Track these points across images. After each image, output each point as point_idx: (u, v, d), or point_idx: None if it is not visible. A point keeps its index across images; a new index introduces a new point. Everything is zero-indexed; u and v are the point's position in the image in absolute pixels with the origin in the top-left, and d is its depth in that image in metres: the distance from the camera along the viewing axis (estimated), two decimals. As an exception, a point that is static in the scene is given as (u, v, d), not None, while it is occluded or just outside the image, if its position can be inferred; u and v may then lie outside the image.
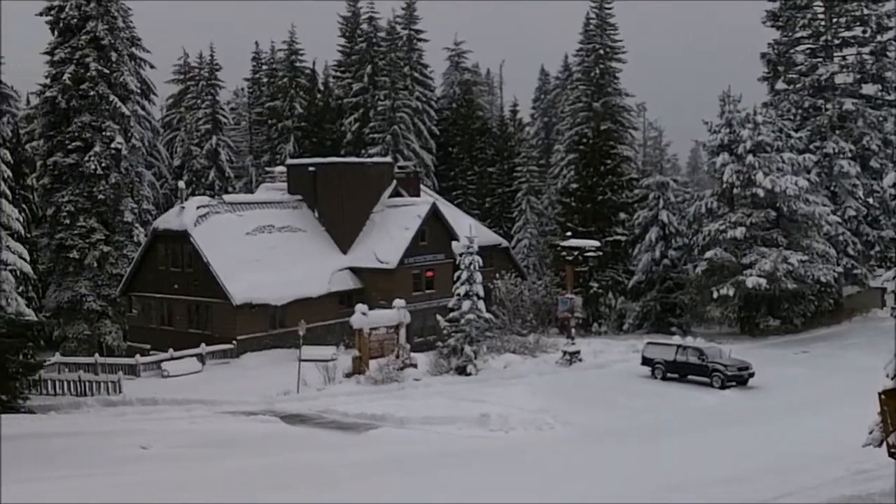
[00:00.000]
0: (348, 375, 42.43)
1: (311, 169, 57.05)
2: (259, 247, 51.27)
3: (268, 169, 69.81)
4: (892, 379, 18.59)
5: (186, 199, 52.69)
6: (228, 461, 26.36)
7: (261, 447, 29.06)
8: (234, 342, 47.56)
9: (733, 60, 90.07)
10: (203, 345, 46.72)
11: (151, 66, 70.68)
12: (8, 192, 35.84)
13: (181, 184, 58.69)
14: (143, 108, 68.48)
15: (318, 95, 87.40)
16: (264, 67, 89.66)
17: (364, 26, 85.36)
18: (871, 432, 20.26)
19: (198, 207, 51.14)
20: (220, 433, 31.62)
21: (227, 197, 56.56)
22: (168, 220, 51.57)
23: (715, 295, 54.20)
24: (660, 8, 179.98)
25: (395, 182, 58.71)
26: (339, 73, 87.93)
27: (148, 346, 49.18)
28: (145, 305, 52.48)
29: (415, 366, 43.38)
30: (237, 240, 50.60)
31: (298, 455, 27.94)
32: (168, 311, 51.35)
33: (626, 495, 22.32)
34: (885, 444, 15.73)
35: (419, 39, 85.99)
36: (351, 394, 39.11)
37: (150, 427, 32.29)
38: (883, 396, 15.53)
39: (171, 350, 45.80)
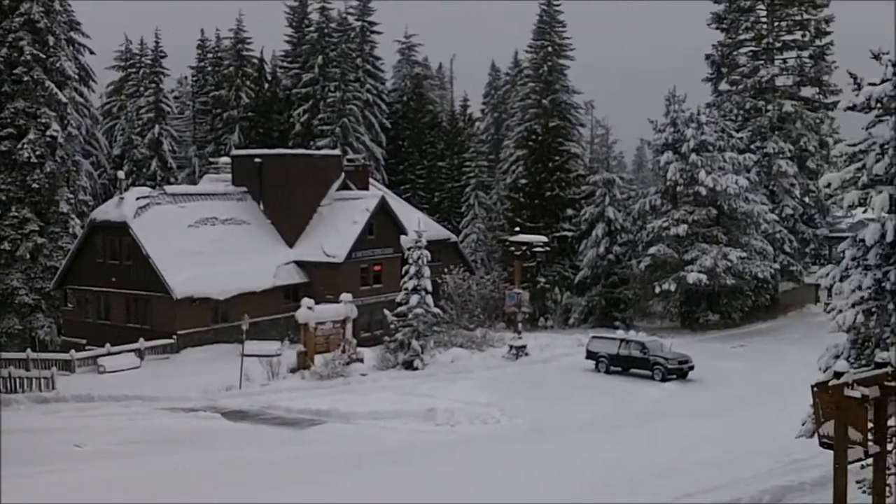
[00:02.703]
0: (293, 371, 42.03)
1: (257, 160, 56.37)
2: (202, 239, 50.47)
3: (212, 160, 68.88)
4: (824, 372, 19.06)
5: (126, 190, 51.77)
6: (166, 458, 25.90)
7: (201, 444, 28.65)
8: (174, 337, 46.80)
9: (679, 61, 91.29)
10: (142, 340, 45.84)
11: (91, 52, 69.51)
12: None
13: (121, 174, 57.68)
14: (82, 94, 67.15)
15: (266, 85, 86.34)
16: (210, 56, 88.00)
17: (315, 16, 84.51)
18: (803, 424, 20.89)
19: (138, 198, 50.21)
20: (159, 430, 31.14)
21: (168, 188, 55.46)
22: (106, 211, 50.60)
23: (657, 290, 54.97)
24: (609, 7, 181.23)
25: (343, 175, 58.27)
26: (287, 64, 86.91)
27: (84, 341, 48.22)
28: (81, 299, 51.39)
29: (361, 360, 43.14)
30: (179, 232, 49.76)
31: (239, 452, 27.58)
32: (105, 304, 50.32)
33: (563, 492, 22.35)
34: (816, 435, 16.30)
35: (372, 31, 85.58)
36: (295, 389, 38.84)
37: (86, 424, 31.70)
38: (815, 389, 15.87)
39: (108, 345, 45.00)
